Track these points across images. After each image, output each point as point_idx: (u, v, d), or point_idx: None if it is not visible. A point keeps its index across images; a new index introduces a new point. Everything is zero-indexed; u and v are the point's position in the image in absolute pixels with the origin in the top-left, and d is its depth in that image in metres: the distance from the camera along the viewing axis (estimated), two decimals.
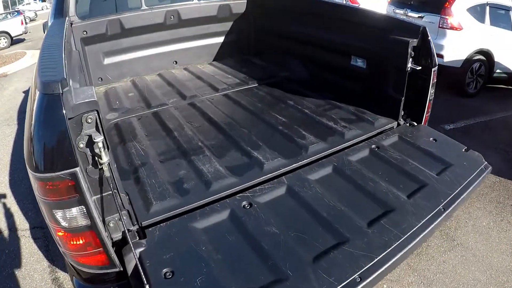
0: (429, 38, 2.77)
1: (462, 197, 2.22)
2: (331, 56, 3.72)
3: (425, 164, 2.46)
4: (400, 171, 2.40)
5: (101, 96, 3.78)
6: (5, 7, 26.35)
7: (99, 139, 1.57)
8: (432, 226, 2.01)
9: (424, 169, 2.40)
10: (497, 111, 6.69)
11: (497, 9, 8.09)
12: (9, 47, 16.85)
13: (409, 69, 2.82)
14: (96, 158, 1.63)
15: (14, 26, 17.73)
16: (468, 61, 7.55)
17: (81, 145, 1.61)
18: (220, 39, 4.85)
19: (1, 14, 20.28)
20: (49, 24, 3.09)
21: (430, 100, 2.91)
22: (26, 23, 19.30)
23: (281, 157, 2.47)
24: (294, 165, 2.42)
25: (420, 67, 2.80)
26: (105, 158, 1.62)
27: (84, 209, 1.60)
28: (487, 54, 7.76)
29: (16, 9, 23.64)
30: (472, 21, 7.68)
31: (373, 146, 2.66)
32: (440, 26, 7.39)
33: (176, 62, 4.60)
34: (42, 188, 1.53)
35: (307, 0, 4.02)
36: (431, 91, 2.86)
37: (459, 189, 2.26)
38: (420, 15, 7.84)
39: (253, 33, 4.90)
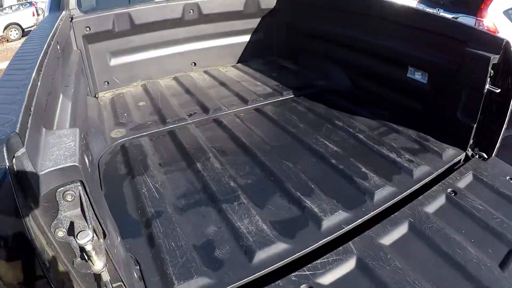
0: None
1: None
2: (381, 64, 3.15)
3: (510, 216, 2.00)
4: (486, 228, 1.91)
5: (106, 104, 3.26)
6: None
7: (85, 239, 0.97)
8: None
9: (510, 223, 1.93)
10: None
11: None
12: (20, 39, 16.57)
13: (486, 91, 2.33)
14: (85, 254, 1.03)
15: (25, 18, 17.73)
16: None
17: (61, 234, 1.00)
18: (246, 38, 4.25)
19: (14, 5, 19.99)
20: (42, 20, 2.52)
21: (504, 128, 2.42)
22: (38, 14, 19.14)
23: (342, 208, 1.89)
24: (360, 221, 1.84)
25: (499, 90, 2.30)
26: (99, 264, 1.02)
27: None
28: None
29: (29, 1, 23.32)
30: (508, 24, 7.35)
31: (449, 190, 2.14)
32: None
33: (195, 64, 4.02)
34: None
35: None
36: (507, 117, 2.38)
37: None
38: (454, 16, 7.38)
39: (284, 32, 4.30)
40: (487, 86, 2.31)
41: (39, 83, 1.25)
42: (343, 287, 1.54)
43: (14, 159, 0.88)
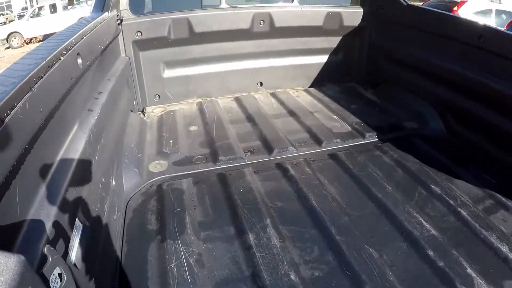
0: None
1: None
2: (489, 110, 2.44)
3: None
4: None
5: (154, 122, 2.83)
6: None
7: None
8: None
9: None
10: None
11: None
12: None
13: None
14: None
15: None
16: None
17: None
18: (323, 59, 3.64)
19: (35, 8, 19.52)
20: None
21: None
22: None
23: None
24: None
25: None
26: None
27: None
28: None
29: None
30: None
31: None
32: None
33: (261, 84, 3.50)
34: None
35: (460, 21, 2.72)
36: None
37: None
38: None
39: (368, 55, 3.66)
40: None
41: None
42: None
43: None
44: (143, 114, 3.00)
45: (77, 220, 1.18)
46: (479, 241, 1.74)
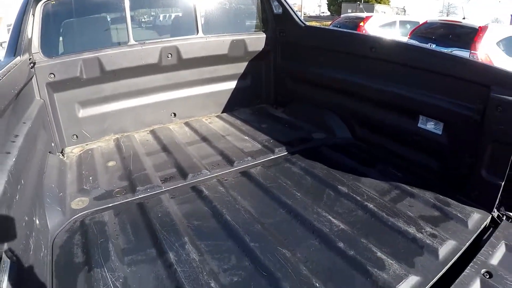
0: None
1: None
2: (388, 113, 2.80)
3: None
4: None
5: (73, 162, 2.84)
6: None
7: None
8: None
9: None
10: None
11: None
12: None
13: None
14: None
15: None
16: None
17: None
18: (232, 85, 3.86)
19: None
20: None
21: None
22: None
23: None
24: None
25: None
26: None
27: None
28: None
29: None
30: (502, 55, 7.53)
31: (483, 271, 1.76)
32: None
33: (174, 115, 3.61)
34: None
35: (352, 36, 3.07)
36: None
37: None
38: (447, 50, 7.31)
39: (274, 77, 3.93)
40: None
41: None
42: None
43: None
44: (62, 155, 3.00)
45: (3, 255, 1.24)
46: (387, 227, 1.99)
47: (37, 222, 1.83)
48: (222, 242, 1.88)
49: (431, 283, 1.64)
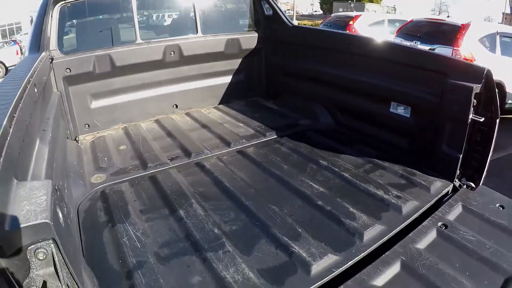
0: (494, 83, 2.32)
1: None
2: (364, 101, 3.17)
3: (503, 244, 1.99)
4: (480, 259, 1.89)
5: (87, 148, 3.17)
6: (3, 36, 25.71)
7: None
8: None
9: (505, 253, 1.92)
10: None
11: (507, 37, 8.05)
12: (3, 77, 16.32)
13: (470, 120, 2.35)
14: None
15: (9, 56, 17.61)
16: None
17: None
18: (228, 79, 4.24)
19: None
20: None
21: (490, 155, 2.44)
22: (22, 53, 19.05)
23: (331, 251, 1.82)
24: (350, 263, 1.78)
25: (483, 119, 2.33)
26: None
27: None
28: (498, 85, 7.72)
29: (13, 39, 23.20)
30: (484, 52, 7.64)
31: (440, 224, 2.11)
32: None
33: (176, 106, 3.97)
34: None
35: (330, 35, 3.46)
36: (493, 145, 2.41)
37: None
38: (431, 47, 7.59)
39: (265, 72, 4.32)
40: (470, 116, 2.33)
41: (11, 131, 1.20)
42: None
43: None
44: (76, 141, 3.31)
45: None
46: (359, 191, 2.38)
47: (66, 191, 2.13)
48: (223, 202, 2.27)
49: (394, 231, 2.00)
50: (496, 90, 2.35)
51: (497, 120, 2.34)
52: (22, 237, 0.92)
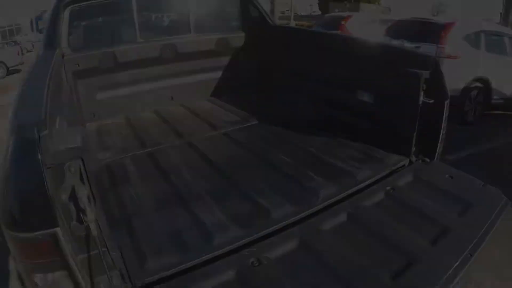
0: (441, 70, 2.65)
1: (486, 239, 2.04)
2: (335, 91, 3.55)
3: (445, 204, 2.28)
4: (420, 214, 2.20)
5: (93, 133, 3.58)
6: (3, 37, 26.16)
7: (82, 192, 1.37)
8: (461, 274, 1.81)
9: (444, 211, 2.21)
10: (499, 138, 6.64)
11: (491, 35, 8.19)
12: (4, 77, 16.67)
13: (421, 103, 2.69)
14: (81, 214, 1.41)
15: (10, 56, 17.64)
16: (466, 89, 7.64)
17: (64, 198, 1.39)
18: (218, 74, 4.69)
19: None
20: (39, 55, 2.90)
21: (442, 134, 2.76)
22: (22, 53, 19.23)
23: (289, 204, 2.26)
24: (305, 213, 2.20)
25: (432, 101, 2.66)
26: (90, 215, 1.39)
27: (68, 273, 1.38)
28: (484, 81, 7.86)
29: (13, 40, 23.43)
30: (469, 49, 7.76)
31: (388, 188, 2.46)
32: (437, 55, 7.32)
33: (172, 98, 4.41)
34: (18, 249, 1.33)
35: (307, 33, 3.88)
36: (444, 125, 2.72)
37: (482, 230, 2.08)
38: (416, 45, 7.78)
39: (252, 68, 4.73)
40: (421, 99, 2.67)
41: (47, 96, 1.63)
42: (286, 260, 1.88)
43: (40, 138, 1.27)
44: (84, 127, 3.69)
45: None
46: (323, 163, 2.75)
47: None
48: (207, 171, 2.75)
49: (346, 192, 2.39)
50: (443, 77, 2.66)
51: (446, 102, 2.61)
52: (62, 156, 1.37)
